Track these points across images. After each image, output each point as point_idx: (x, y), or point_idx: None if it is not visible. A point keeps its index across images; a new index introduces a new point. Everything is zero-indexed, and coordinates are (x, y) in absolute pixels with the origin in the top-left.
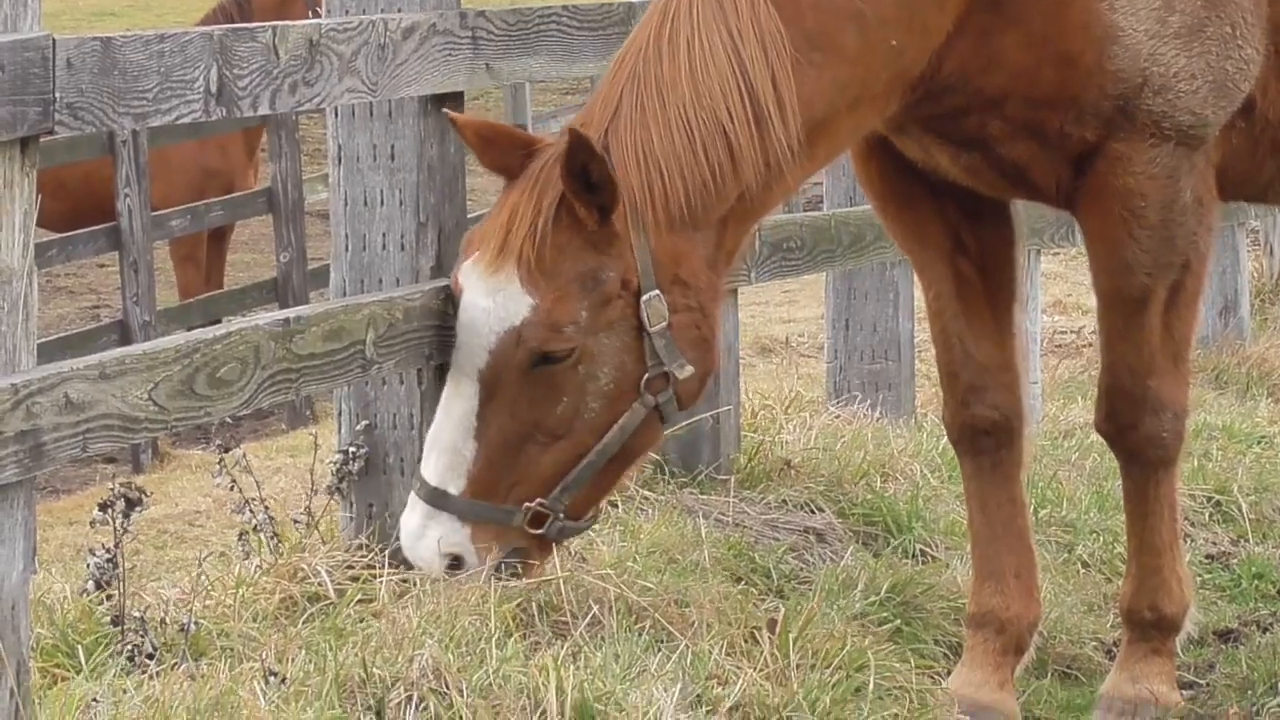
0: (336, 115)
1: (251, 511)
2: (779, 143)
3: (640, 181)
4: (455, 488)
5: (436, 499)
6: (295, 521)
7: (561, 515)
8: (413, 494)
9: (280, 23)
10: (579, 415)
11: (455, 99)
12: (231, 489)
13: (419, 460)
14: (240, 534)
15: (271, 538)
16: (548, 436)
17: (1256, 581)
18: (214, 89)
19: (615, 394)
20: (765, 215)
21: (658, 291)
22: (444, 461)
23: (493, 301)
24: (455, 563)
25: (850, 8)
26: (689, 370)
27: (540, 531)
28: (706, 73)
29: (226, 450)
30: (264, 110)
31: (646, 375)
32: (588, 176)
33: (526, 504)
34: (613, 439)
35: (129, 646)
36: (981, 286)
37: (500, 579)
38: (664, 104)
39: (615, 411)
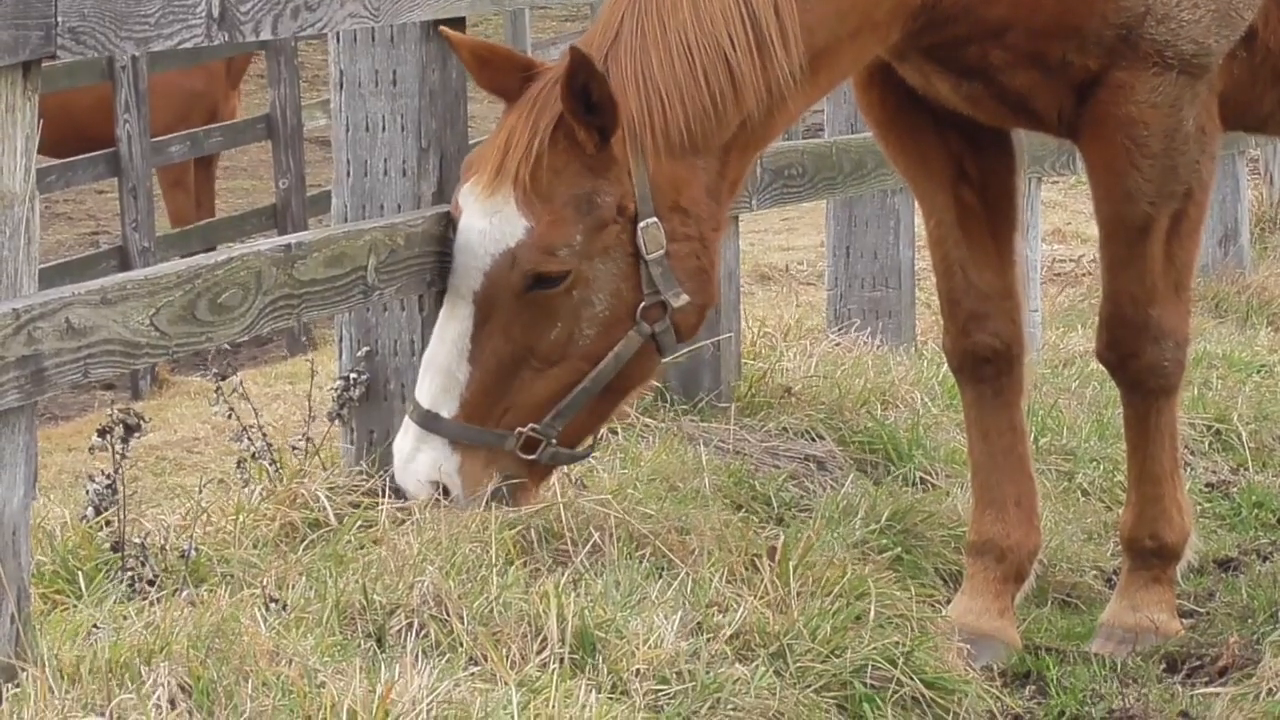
0: (338, 40)
1: (250, 439)
2: (781, 70)
3: (640, 106)
4: (448, 410)
5: (429, 422)
6: (294, 448)
7: (554, 441)
8: (406, 417)
9: None
10: (573, 341)
11: (457, 24)
12: (229, 417)
13: None
14: (239, 461)
15: (271, 464)
16: (542, 362)
17: (1256, 510)
18: (216, 13)
19: (610, 321)
20: (768, 144)
21: (655, 219)
22: (437, 384)
23: (489, 223)
24: (440, 491)
25: None
26: (684, 300)
27: (532, 457)
28: None
29: (224, 378)
30: (266, 35)
31: (643, 303)
32: (588, 97)
33: (519, 429)
34: (607, 367)
35: (129, 573)
36: (983, 214)
37: (493, 506)
38: (664, 29)
39: (610, 339)
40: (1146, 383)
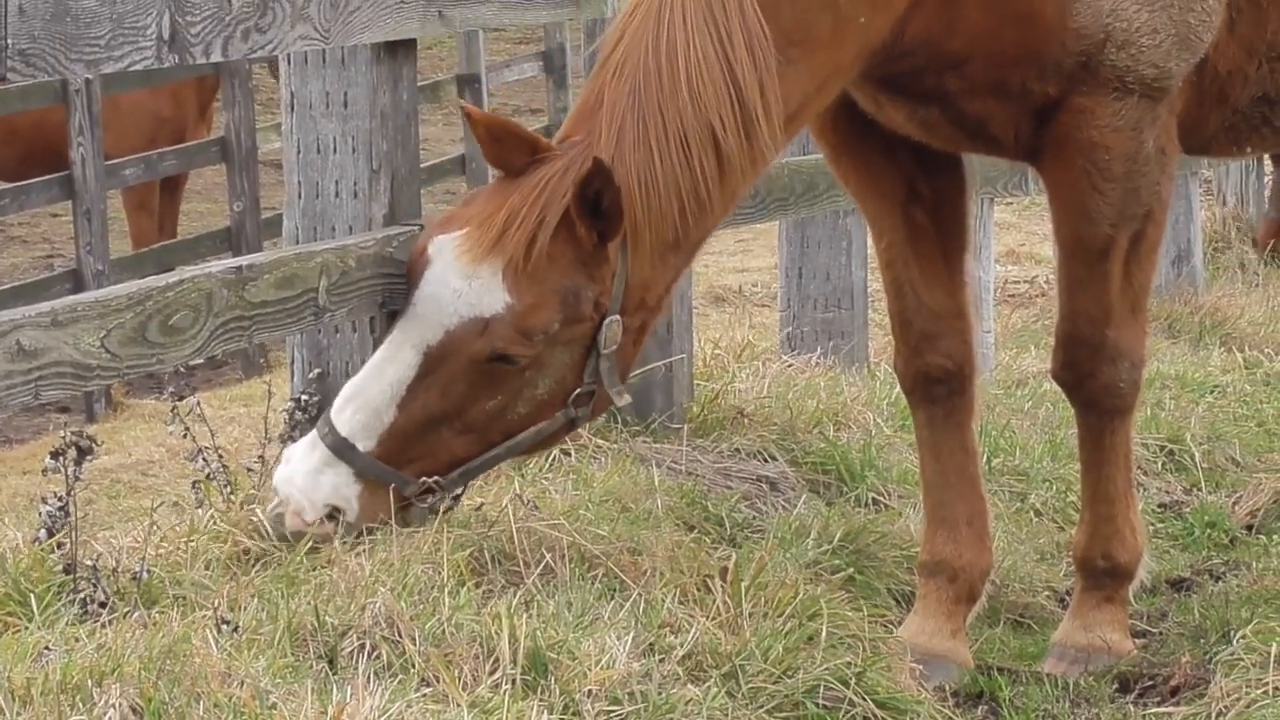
0: (289, 62)
1: (205, 460)
2: (765, 145)
3: (643, 210)
4: (364, 445)
5: (342, 449)
6: (248, 470)
7: (446, 492)
8: (315, 434)
9: None
10: (504, 415)
11: (408, 46)
12: (185, 437)
13: None
14: (193, 483)
15: (225, 486)
16: (465, 425)
17: (1209, 530)
18: (166, 35)
19: (545, 403)
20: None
21: (618, 316)
22: (360, 419)
23: (466, 285)
24: (332, 514)
25: None
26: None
27: (424, 505)
28: (702, 84)
29: (180, 399)
30: (216, 57)
31: (579, 390)
32: (599, 203)
33: (424, 477)
34: (525, 439)
35: (81, 595)
36: (934, 235)
37: (351, 538)
38: (665, 119)
39: (538, 418)
40: (1102, 403)
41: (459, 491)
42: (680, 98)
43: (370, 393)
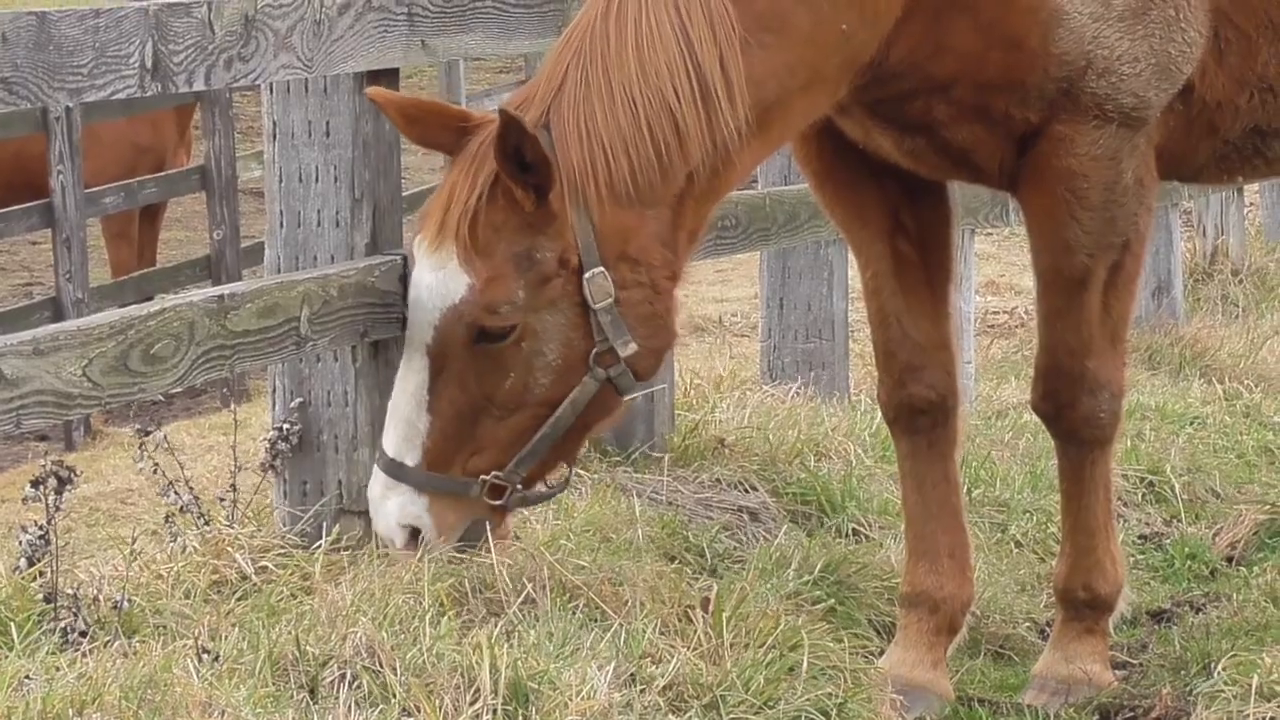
0: (272, 91)
1: (177, 493)
2: (726, 123)
3: (582, 158)
4: (411, 459)
5: (394, 470)
6: (220, 500)
7: (519, 486)
8: (375, 464)
9: None
10: (529, 389)
11: (391, 75)
12: (155, 473)
13: (353, 437)
14: (167, 516)
15: (199, 518)
16: (500, 409)
17: (1189, 562)
18: (149, 64)
19: (563, 368)
20: (723, 195)
21: (601, 269)
22: (399, 433)
23: (435, 278)
24: (415, 533)
25: None
26: (632, 347)
27: (500, 502)
28: (653, 50)
29: (147, 434)
30: (199, 86)
31: (595, 350)
32: (521, 157)
33: (483, 476)
34: (565, 412)
35: (62, 624)
36: (919, 265)
37: (462, 551)
38: (609, 81)
39: (566, 385)
40: (1082, 434)
41: (554, 483)
42: (626, 59)
43: (401, 407)
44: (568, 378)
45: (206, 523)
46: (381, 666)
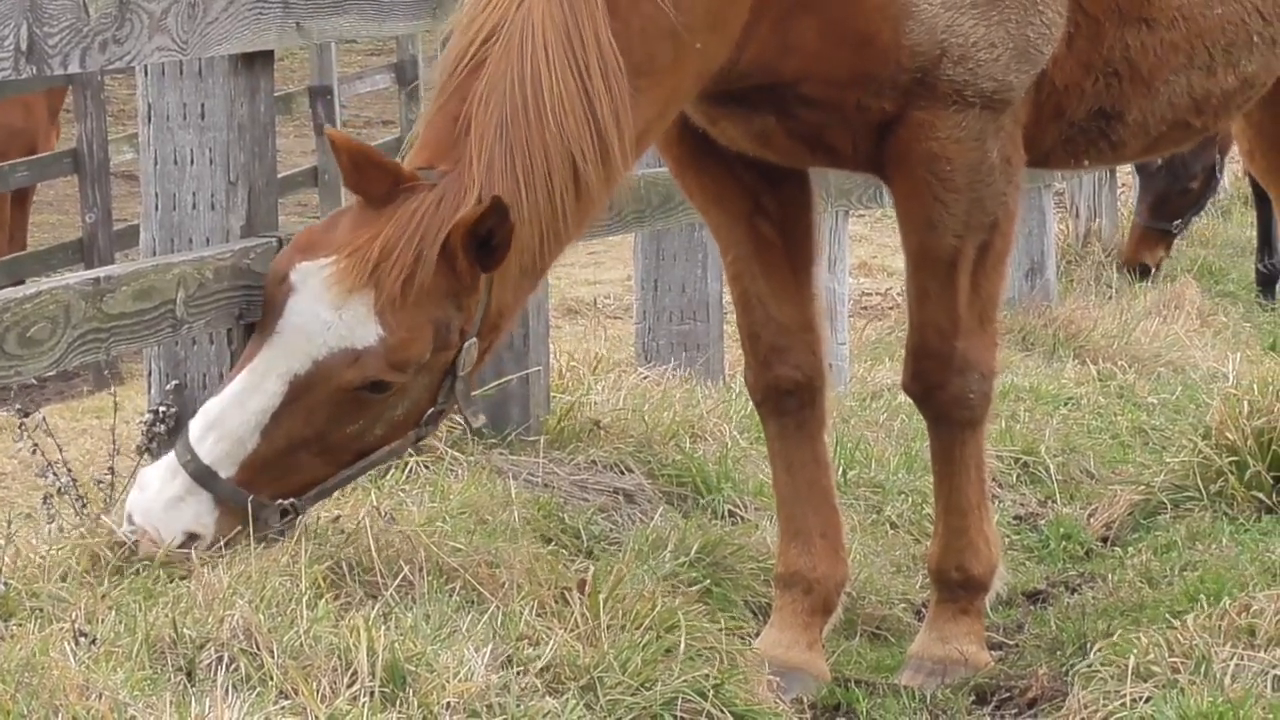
0: (146, 74)
1: (54, 475)
2: (617, 171)
3: (518, 238)
4: (226, 473)
5: (204, 477)
6: (98, 482)
7: (299, 511)
8: (174, 458)
9: None
10: (362, 437)
11: (265, 58)
12: (34, 453)
13: None
14: (44, 497)
15: (76, 500)
16: (324, 448)
17: (1064, 542)
18: (24, 47)
19: (401, 424)
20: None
21: (475, 340)
22: (223, 448)
23: (337, 317)
24: (189, 539)
25: (668, 26)
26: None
27: (279, 524)
28: (565, 116)
29: (26, 415)
30: (74, 69)
31: (432, 410)
32: (489, 239)
33: (280, 500)
34: (378, 458)
35: None
36: (782, 248)
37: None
38: (531, 155)
39: (392, 437)
40: (952, 415)
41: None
42: (548, 130)
43: (233, 422)
44: (399, 432)
45: (84, 505)
46: (259, 649)
